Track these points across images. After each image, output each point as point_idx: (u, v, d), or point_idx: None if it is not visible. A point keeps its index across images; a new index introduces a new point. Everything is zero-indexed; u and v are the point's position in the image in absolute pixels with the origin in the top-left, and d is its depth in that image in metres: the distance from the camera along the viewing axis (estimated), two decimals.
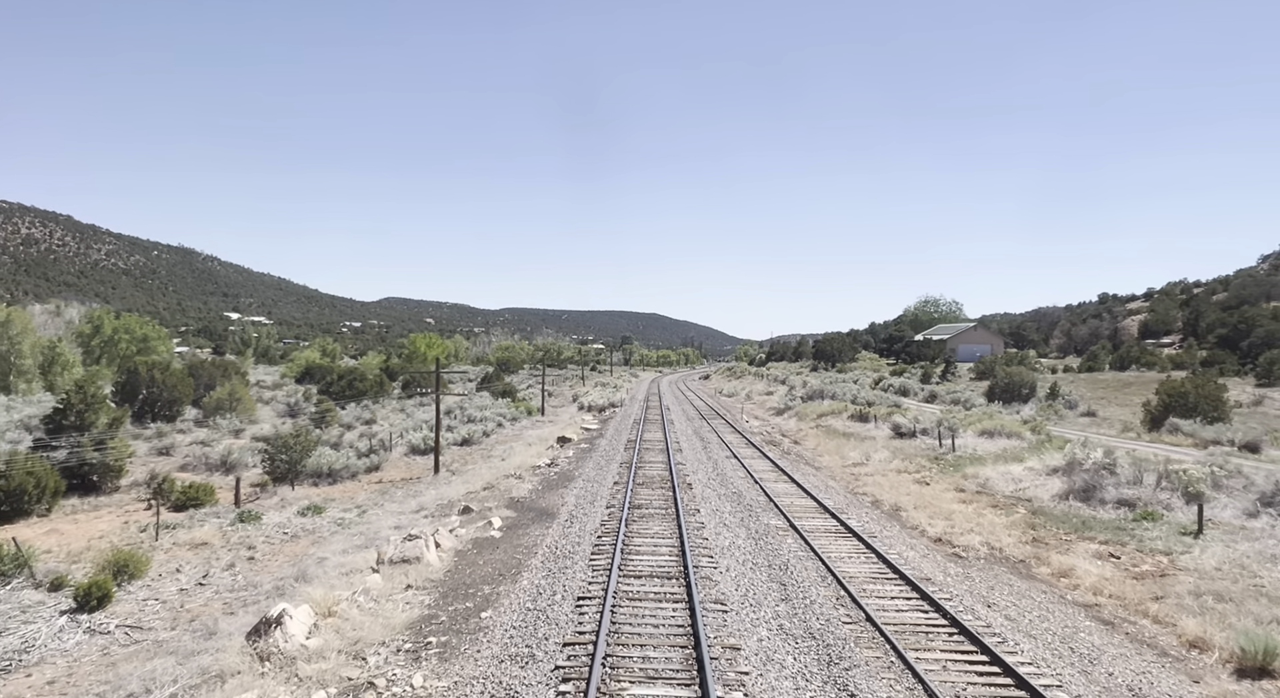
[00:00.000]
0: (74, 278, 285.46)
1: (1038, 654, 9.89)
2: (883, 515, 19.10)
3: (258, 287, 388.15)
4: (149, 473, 25.18)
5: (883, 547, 15.06)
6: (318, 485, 26.14)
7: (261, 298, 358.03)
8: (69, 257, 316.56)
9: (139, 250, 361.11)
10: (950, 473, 25.55)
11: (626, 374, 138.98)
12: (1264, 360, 48.78)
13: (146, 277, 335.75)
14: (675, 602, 11.40)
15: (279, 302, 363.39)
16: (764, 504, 19.39)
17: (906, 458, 29.06)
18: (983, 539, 16.60)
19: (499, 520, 17.56)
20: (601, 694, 8.27)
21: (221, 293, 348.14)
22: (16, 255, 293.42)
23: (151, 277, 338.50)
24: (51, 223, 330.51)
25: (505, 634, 10.28)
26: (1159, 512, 18.72)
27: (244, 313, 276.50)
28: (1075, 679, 9.16)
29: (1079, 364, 67.16)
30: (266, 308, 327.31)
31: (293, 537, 18.57)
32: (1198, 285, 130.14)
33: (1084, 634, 10.82)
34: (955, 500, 21.13)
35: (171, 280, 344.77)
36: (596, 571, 13.07)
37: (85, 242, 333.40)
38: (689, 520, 16.98)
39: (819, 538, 15.83)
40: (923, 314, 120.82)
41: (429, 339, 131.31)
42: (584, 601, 11.39)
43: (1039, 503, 20.62)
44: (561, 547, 14.84)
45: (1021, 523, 18.34)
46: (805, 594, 11.98)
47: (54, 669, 10.95)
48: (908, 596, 12.14)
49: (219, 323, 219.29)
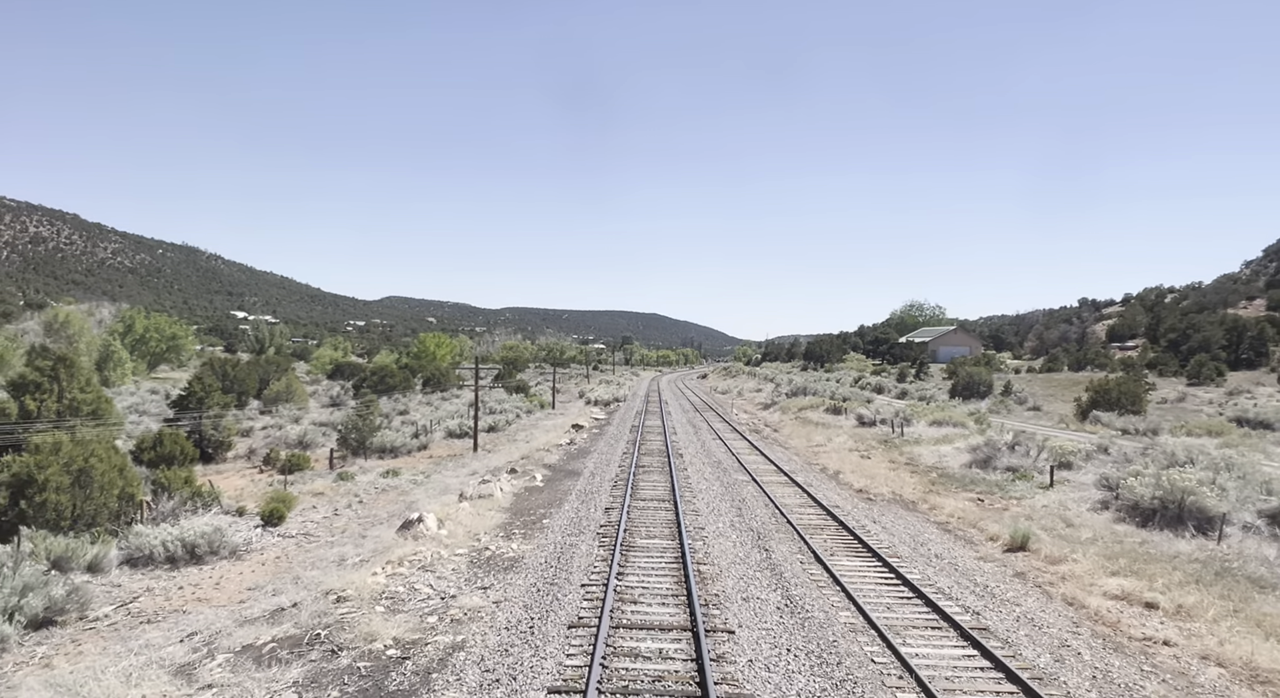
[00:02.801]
0: (81, 276, 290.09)
1: (892, 542, 16.11)
2: (825, 476, 25.37)
3: (261, 285, 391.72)
4: (247, 448, 31.42)
5: (815, 492, 21.32)
6: (382, 459, 32.37)
7: (266, 297, 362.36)
8: (76, 255, 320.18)
9: (144, 249, 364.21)
10: (890, 451, 31.82)
11: (628, 373, 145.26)
12: (1194, 363, 55.07)
13: (152, 275, 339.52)
14: (667, 511, 17.69)
15: (283, 300, 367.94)
16: (736, 467, 25.67)
17: (861, 441, 35.31)
18: (892, 490, 22.85)
19: (540, 477, 23.85)
20: (624, 543, 14.54)
21: (226, 291, 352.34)
22: (25, 254, 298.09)
23: (157, 275, 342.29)
24: (59, 221, 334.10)
25: (560, 527, 16.55)
26: (1033, 475, 24.99)
27: (249, 311, 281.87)
28: (907, 551, 15.38)
29: (1040, 365, 73.51)
30: (271, 306, 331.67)
31: (383, 490, 24.79)
32: (1171, 291, 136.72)
33: (927, 534, 17.07)
34: (885, 468, 27.39)
35: (177, 279, 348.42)
36: (615, 498, 19.37)
37: (92, 240, 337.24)
38: (679, 475, 23.25)
39: (771, 487, 22.10)
40: (908, 317, 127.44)
41: (438, 339, 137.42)
42: (610, 509, 17.74)
43: (949, 470, 26.89)
44: (589, 489, 21.13)
45: (926, 482, 24.61)
46: (751, 511, 18.27)
47: (273, 552, 17.17)
48: (820, 515, 18.41)
49: (227, 321, 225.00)
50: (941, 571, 13.92)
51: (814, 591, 12.37)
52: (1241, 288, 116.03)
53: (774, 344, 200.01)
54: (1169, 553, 15.28)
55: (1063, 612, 11.83)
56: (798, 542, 15.61)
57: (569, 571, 13.25)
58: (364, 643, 10.15)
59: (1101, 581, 13.27)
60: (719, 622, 10.65)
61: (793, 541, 15.73)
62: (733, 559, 14.11)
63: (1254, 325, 63.77)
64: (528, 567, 13.61)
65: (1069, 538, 16.47)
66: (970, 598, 12.27)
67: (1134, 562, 14.34)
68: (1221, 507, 17.05)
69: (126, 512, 17.07)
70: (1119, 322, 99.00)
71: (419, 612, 11.41)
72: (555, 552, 14.51)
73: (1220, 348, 61.49)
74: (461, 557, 14.57)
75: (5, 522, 15.62)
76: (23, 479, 15.90)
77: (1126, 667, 9.69)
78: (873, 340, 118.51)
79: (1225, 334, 63.18)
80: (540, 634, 10.20)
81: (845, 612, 11.39)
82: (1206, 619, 11.35)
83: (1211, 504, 16.97)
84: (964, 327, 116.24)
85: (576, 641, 9.94)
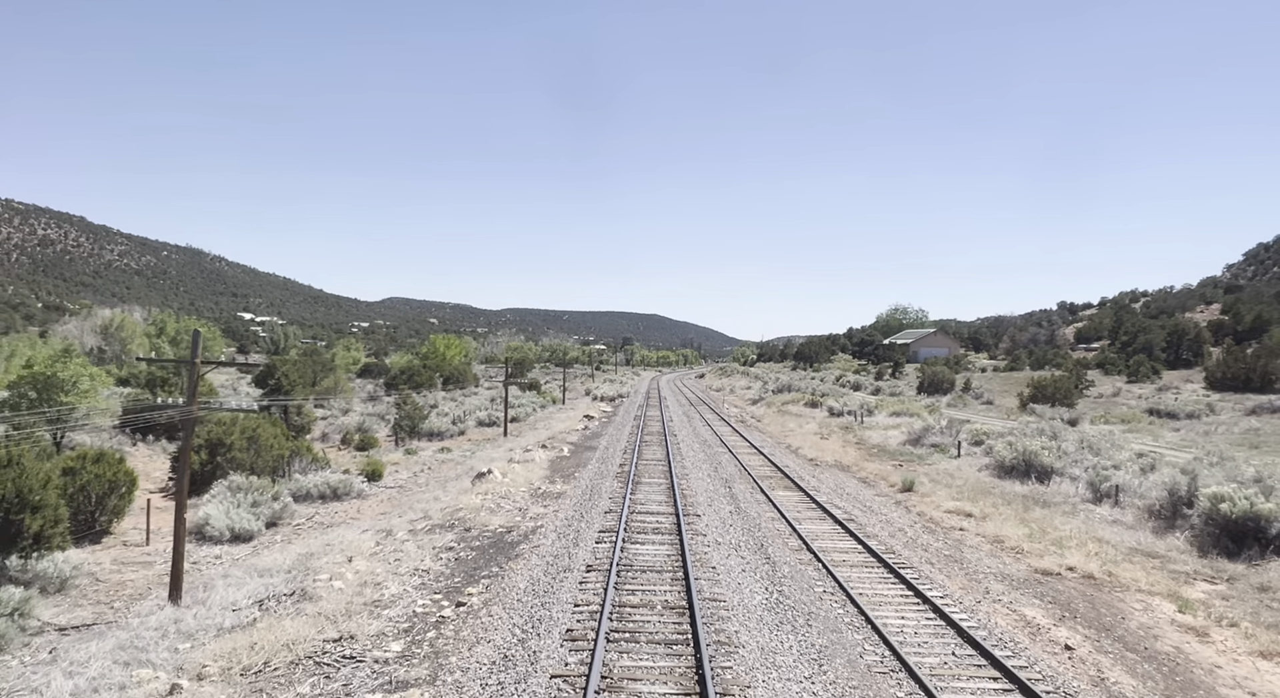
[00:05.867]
0: (90, 278, 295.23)
1: (819, 485, 23.11)
2: (787, 450, 32.43)
3: (265, 287, 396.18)
4: (320, 432, 38.45)
5: (775, 459, 28.34)
6: (430, 441, 39.40)
7: (270, 298, 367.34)
8: (84, 257, 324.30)
9: (149, 251, 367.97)
10: (847, 435, 38.88)
11: (629, 373, 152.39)
12: (1132, 363, 62.18)
13: (158, 277, 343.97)
14: (663, 467, 24.79)
15: (287, 302, 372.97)
16: (718, 444, 32.75)
17: (826, 427, 42.37)
18: (835, 459, 29.88)
19: (566, 449, 30.90)
20: (634, 480, 21.63)
21: (231, 293, 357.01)
22: (34, 256, 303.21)
23: (163, 277, 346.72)
24: (66, 224, 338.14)
25: (588, 476, 23.61)
26: (949, 450, 32.02)
27: (255, 313, 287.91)
28: (827, 491, 22.38)
29: (1004, 364, 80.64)
30: (276, 308, 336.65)
31: (442, 462, 31.83)
32: (1144, 295, 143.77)
33: (847, 484, 24.09)
34: (837, 446, 34.43)
35: (182, 281, 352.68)
36: (625, 460, 26.45)
37: (98, 242, 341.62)
38: (673, 448, 30.32)
39: (742, 455, 29.15)
40: (892, 320, 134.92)
41: (448, 341, 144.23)
42: (623, 465, 24.85)
43: (887, 447, 33.95)
44: (605, 456, 28.20)
45: (865, 454, 31.66)
46: (724, 469, 25.35)
47: (384, 495, 24.18)
48: (773, 470, 25.47)
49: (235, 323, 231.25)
50: (844, 499, 20.99)
51: (754, 504, 19.44)
52: (1209, 292, 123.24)
53: (769, 345, 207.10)
54: (1007, 492, 22.33)
55: (908, 516, 18.91)
56: (751, 483, 22.67)
57: (599, 494, 20.33)
58: (481, 527, 17.19)
59: (945, 503, 20.32)
60: (692, 513, 17.74)
61: (748, 483, 22.79)
62: (705, 490, 21.18)
63: (1193, 329, 70.92)
64: (570, 496, 20.67)
65: (944, 484, 23.54)
66: (855, 511, 19.31)
67: (975, 495, 21.41)
68: (1057, 464, 24.10)
69: (280, 466, 24.11)
70: (1087, 325, 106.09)
71: (508, 513, 18.46)
72: (588, 487, 21.59)
73: (1161, 349, 68.61)
74: (523, 492, 21.62)
75: (206, 471, 22.66)
76: (214, 442, 22.94)
77: (930, 538, 16.73)
78: (859, 342, 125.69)
79: (1167, 337, 70.32)
80: (587, 518, 17.27)
81: (770, 512, 18.46)
82: (995, 520, 18.38)
83: (1047, 462, 24.03)
84: (944, 329, 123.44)
85: (609, 519, 17.00)
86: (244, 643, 9.92)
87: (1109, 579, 13.72)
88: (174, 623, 11.58)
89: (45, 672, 9.93)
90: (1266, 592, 12.97)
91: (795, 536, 16.16)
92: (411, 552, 14.98)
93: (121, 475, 18.23)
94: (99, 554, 16.61)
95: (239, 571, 14.94)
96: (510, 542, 15.75)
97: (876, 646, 10.02)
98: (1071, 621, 11.52)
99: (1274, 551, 14.52)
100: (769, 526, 17.09)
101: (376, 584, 12.72)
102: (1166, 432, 39.83)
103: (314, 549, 16.10)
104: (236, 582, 13.87)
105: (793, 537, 16.13)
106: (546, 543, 15.23)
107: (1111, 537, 16.82)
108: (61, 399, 25.30)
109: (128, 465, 19.09)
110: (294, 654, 9.65)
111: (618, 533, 15.52)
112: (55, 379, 25.35)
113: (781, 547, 15.28)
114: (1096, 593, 13.02)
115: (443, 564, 14.15)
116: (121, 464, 18.63)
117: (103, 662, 9.94)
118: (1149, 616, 11.92)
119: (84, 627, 12.39)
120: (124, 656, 10.19)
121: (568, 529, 16.41)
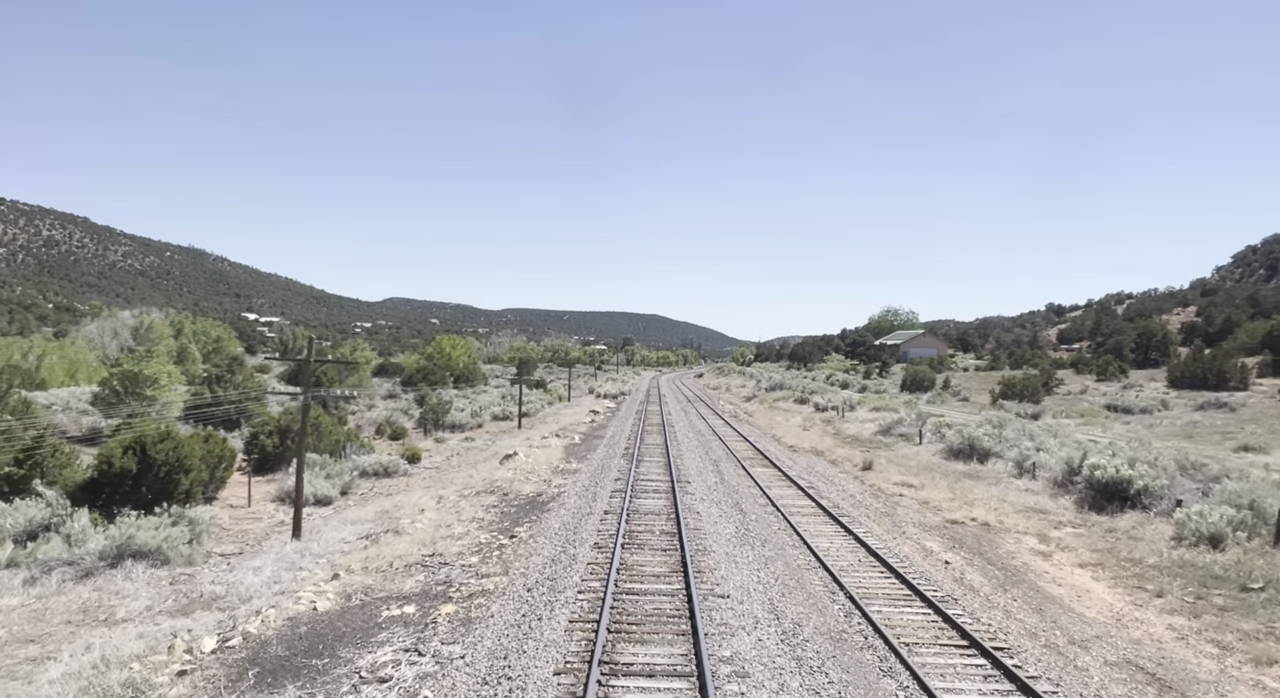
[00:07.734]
0: (94, 279, 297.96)
1: (794, 465, 27.46)
2: (772, 439, 36.81)
3: (267, 287, 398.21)
4: (354, 424, 42.82)
5: (759, 446, 32.71)
6: (452, 432, 43.77)
7: (272, 298, 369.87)
8: (88, 258, 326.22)
9: (153, 251, 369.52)
10: (827, 427, 43.28)
11: (630, 373, 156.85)
12: (1100, 363, 66.61)
13: (162, 277, 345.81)
14: (661, 452, 29.18)
15: (289, 302, 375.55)
16: (711, 434, 37.16)
17: (810, 421, 46.77)
18: (812, 446, 34.26)
19: (577, 437, 35.30)
20: (638, 459, 26.03)
21: (234, 293, 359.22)
22: (40, 257, 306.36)
23: (166, 277, 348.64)
24: (70, 225, 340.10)
25: (599, 457, 27.98)
26: (915, 437, 36.40)
27: (258, 313, 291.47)
28: (800, 469, 26.75)
29: (985, 364, 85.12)
30: (278, 308, 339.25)
31: (468, 449, 36.19)
32: (1129, 297, 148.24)
33: (818, 464, 28.45)
34: (816, 436, 38.82)
35: (185, 281, 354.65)
36: (629, 447, 30.84)
37: (103, 243, 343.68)
38: (670, 436, 34.72)
39: (730, 442, 33.54)
40: (884, 322, 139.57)
41: (454, 341, 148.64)
42: (628, 449, 29.26)
43: (861, 436, 38.34)
44: (612, 442, 32.60)
45: (839, 442, 36.04)
46: (714, 452, 29.75)
47: (426, 474, 28.52)
48: (756, 454, 29.84)
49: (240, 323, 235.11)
50: (811, 475, 25.38)
51: (736, 477, 23.85)
52: (1189, 295, 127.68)
53: (767, 346, 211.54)
54: (950, 470, 26.72)
55: (861, 487, 23.31)
56: (736, 463, 27.07)
57: (609, 469, 24.72)
58: (516, 492, 21.57)
59: (895, 478, 24.71)
60: (684, 481, 22.16)
61: (733, 463, 27.19)
62: (697, 466, 25.59)
63: (1160, 331, 75.41)
64: (585, 471, 25.05)
65: (899, 464, 27.93)
66: (819, 483, 23.69)
67: (921, 471, 25.81)
68: (995, 448, 28.51)
69: (337, 450, 28.50)
70: (1069, 326, 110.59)
71: (536, 484, 22.83)
72: (599, 465, 25.99)
73: (1130, 350, 73.02)
74: (545, 469, 26.00)
75: (278, 452, 27.05)
76: (285, 428, 27.32)
77: (873, 500, 21.12)
78: (851, 343, 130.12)
79: (1137, 338, 74.77)
80: (600, 484, 21.67)
81: (748, 482, 22.86)
82: (930, 489, 22.76)
83: (986, 446, 28.44)
84: (933, 330, 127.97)
85: (619, 484, 21.40)
86: (369, 554, 14.33)
87: (999, 525, 18.12)
88: (305, 549, 15.97)
89: (233, 576, 14.32)
90: (1111, 533, 17.35)
91: (765, 497, 20.55)
92: (466, 508, 19.38)
93: (227, 452, 22.57)
94: (216, 512, 20.90)
95: (334, 521, 19.35)
96: (541, 502, 20.15)
97: (808, 557, 14.42)
98: (958, 549, 15.91)
99: (1130, 505, 18.90)
100: (745, 490, 21.48)
101: (447, 526, 17.12)
102: (1117, 425, 44.21)
103: (386, 508, 20.51)
104: (336, 527, 18.27)
105: (762, 497, 20.52)
106: (571, 501, 19.62)
107: (1017, 499, 21.22)
108: (146, 393, 29.67)
109: (230, 445, 23.47)
110: (405, 561, 14.04)
111: (626, 493, 19.91)
112: (141, 376, 29.69)
113: (752, 503, 19.68)
114: (985, 534, 17.42)
115: (493, 515, 18.55)
116: (225, 443, 23.02)
117: (271, 568, 14.34)
118: (1015, 546, 16.32)
119: (235, 555, 16.70)
120: (283, 565, 14.58)
121: (586, 492, 20.79)
